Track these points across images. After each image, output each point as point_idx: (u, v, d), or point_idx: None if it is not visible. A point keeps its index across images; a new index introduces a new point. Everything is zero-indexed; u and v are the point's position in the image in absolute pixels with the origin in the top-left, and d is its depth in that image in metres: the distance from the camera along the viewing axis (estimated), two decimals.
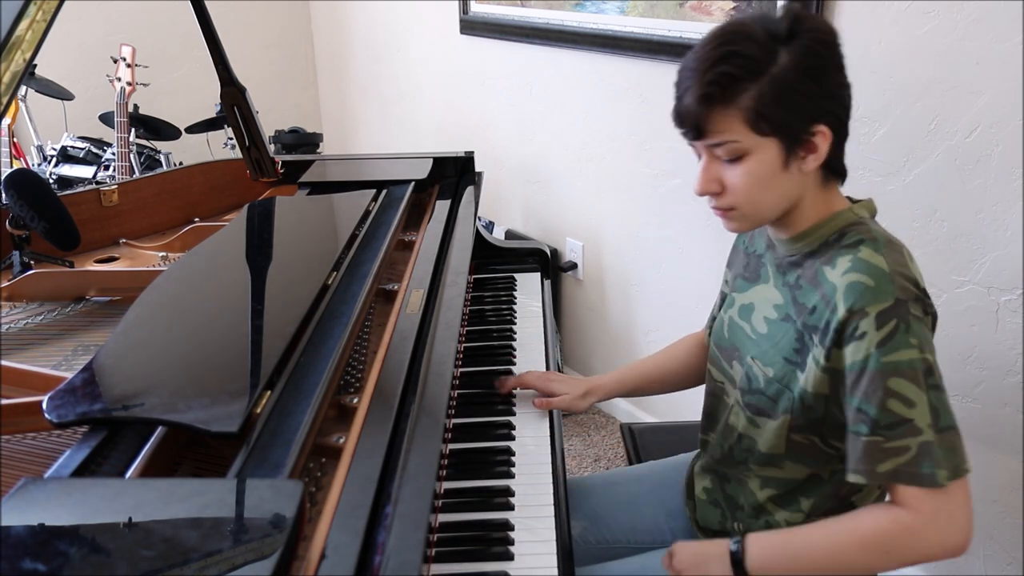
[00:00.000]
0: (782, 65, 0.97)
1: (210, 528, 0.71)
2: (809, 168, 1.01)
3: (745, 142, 0.99)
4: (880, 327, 0.95)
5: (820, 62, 0.98)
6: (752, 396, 1.11)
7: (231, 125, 1.81)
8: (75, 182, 2.96)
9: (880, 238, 1.02)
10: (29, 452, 1.04)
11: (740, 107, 0.98)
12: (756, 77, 0.97)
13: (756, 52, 0.97)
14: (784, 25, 0.98)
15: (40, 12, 1.12)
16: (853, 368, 0.97)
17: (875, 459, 0.96)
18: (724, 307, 1.23)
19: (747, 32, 0.98)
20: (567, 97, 2.56)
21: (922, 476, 0.94)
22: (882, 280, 0.96)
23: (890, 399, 0.95)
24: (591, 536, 1.34)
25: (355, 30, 3.68)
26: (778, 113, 0.97)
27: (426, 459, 0.97)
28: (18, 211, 1.50)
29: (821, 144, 1.00)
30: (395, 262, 1.52)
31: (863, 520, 1.00)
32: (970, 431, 1.67)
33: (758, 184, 1.01)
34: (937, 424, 0.95)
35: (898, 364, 0.94)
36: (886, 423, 0.95)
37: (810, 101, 0.98)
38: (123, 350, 1.04)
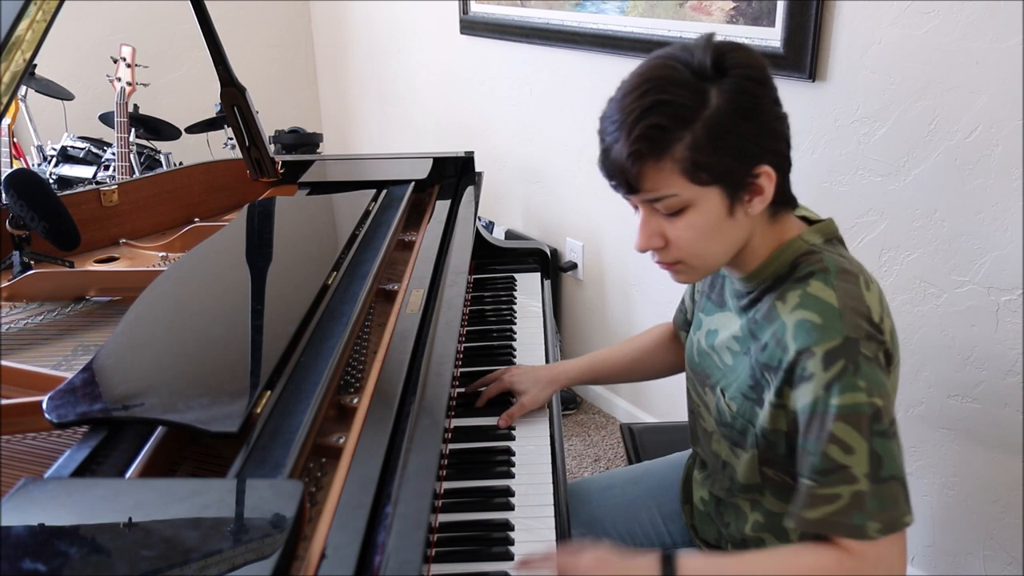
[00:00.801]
0: (714, 107, 0.90)
1: (210, 528, 0.71)
2: (756, 211, 0.96)
3: (684, 195, 0.93)
4: (827, 367, 0.91)
5: (754, 100, 0.91)
6: (724, 428, 1.09)
7: (231, 125, 1.81)
8: (75, 182, 2.96)
9: (832, 268, 0.97)
10: (29, 452, 1.04)
11: (674, 159, 0.91)
12: (688, 125, 0.90)
13: (685, 97, 0.90)
14: (709, 61, 0.91)
15: (40, 12, 1.13)
16: (804, 411, 0.94)
17: (807, 505, 0.93)
18: (693, 328, 1.21)
19: (673, 75, 0.91)
20: (567, 97, 2.56)
21: (851, 527, 0.90)
22: (831, 317, 0.92)
23: (830, 444, 0.91)
24: (589, 539, 1.34)
25: (355, 30, 3.69)
26: (716, 160, 0.91)
27: (426, 459, 0.97)
28: (18, 211, 1.50)
29: (766, 185, 0.94)
30: (395, 262, 1.52)
31: (805, 557, 0.95)
32: (970, 431, 1.68)
33: (703, 236, 0.96)
34: (877, 474, 0.90)
35: (841, 408, 0.90)
36: (822, 468, 0.92)
37: (749, 142, 0.92)
38: (123, 350, 1.04)
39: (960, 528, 1.75)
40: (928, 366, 1.71)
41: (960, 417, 1.69)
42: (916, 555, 1.84)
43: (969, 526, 1.73)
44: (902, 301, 1.72)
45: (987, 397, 1.64)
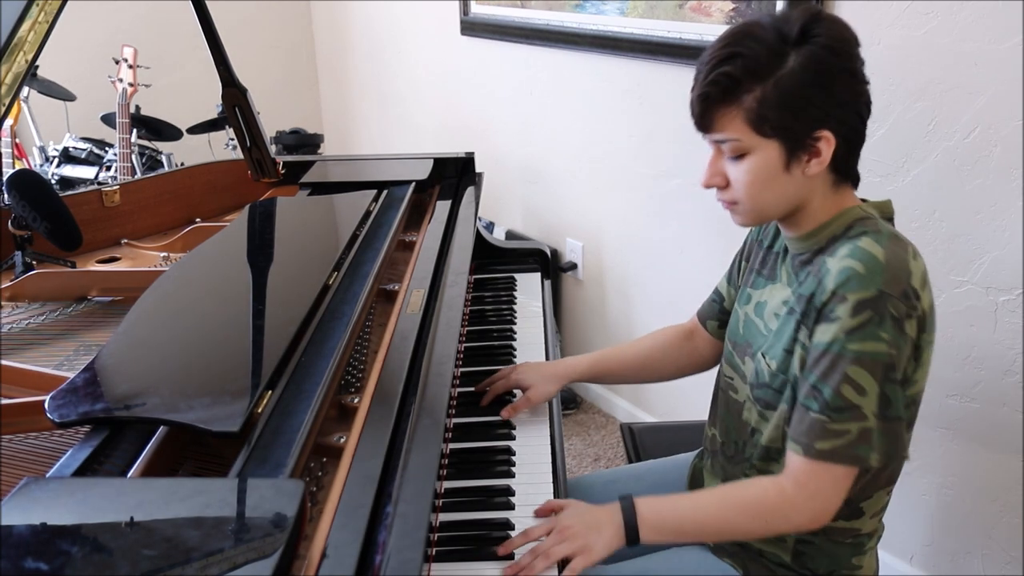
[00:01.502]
0: (788, 69, 0.97)
1: (211, 527, 0.71)
2: (812, 172, 1.02)
3: (746, 141, 1.01)
4: (854, 315, 0.97)
5: (828, 69, 0.98)
6: (760, 390, 1.12)
7: (232, 126, 1.81)
8: (77, 183, 2.96)
9: (885, 231, 1.02)
10: (31, 452, 1.04)
11: (742, 107, 0.99)
12: (759, 79, 0.98)
13: (760, 53, 0.98)
14: (797, 26, 0.98)
15: (42, 13, 1.13)
16: (818, 347, 1.00)
17: (817, 436, 1.00)
18: (740, 303, 1.23)
19: (756, 33, 0.99)
20: (567, 98, 2.56)
21: (855, 457, 0.99)
22: (873, 269, 0.97)
23: (844, 384, 0.98)
24: None
25: (356, 31, 3.69)
26: (780, 116, 0.98)
27: (426, 459, 0.97)
28: (20, 212, 1.50)
29: (824, 149, 1.00)
30: (396, 262, 1.52)
31: (750, 489, 1.07)
32: (969, 431, 1.68)
33: (759, 183, 1.03)
34: (884, 413, 0.98)
35: (861, 354, 0.97)
36: (835, 406, 0.99)
37: (814, 107, 0.99)
38: (125, 350, 1.04)
39: (959, 527, 1.75)
40: None
41: (959, 417, 1.69)
42: (915, 554, 1.84)
43: (968, 525, 1.73)
44: None
45: (986, 397, 1.64)
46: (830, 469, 1.00)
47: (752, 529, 1.07)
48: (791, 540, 1.14)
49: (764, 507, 1.04)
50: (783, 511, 1.04)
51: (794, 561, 1.15)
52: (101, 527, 0.72)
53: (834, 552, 1.14)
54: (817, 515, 1.03)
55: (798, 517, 1.04)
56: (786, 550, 1.15)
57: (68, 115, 3.21)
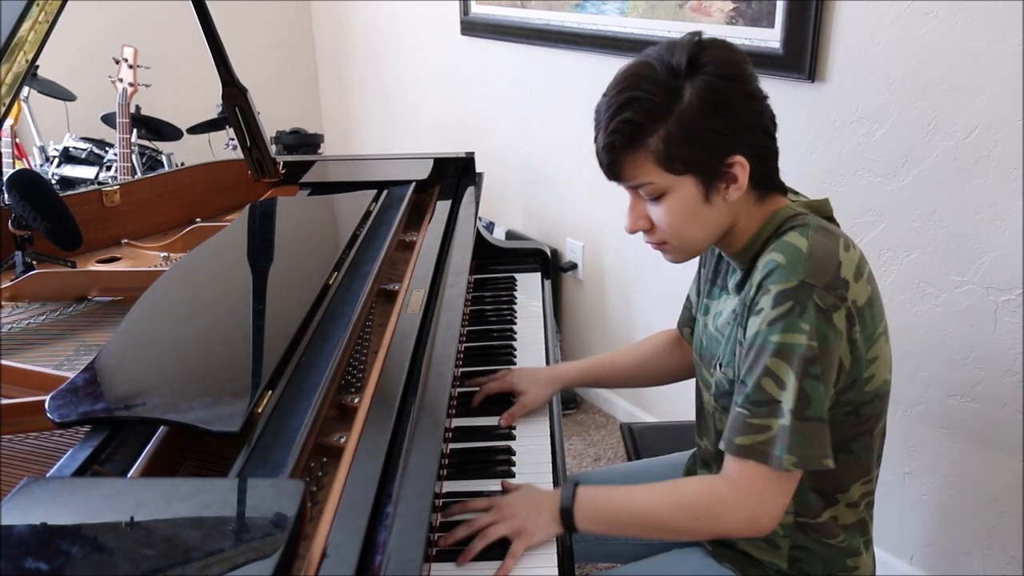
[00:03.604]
0: (686, 103, 0.97)
1: (212, 527, 0.71)
2: (732, 198, 1.02)
3: (661, 182, 1.01)
4: (776, 306, 0.97)
5: (723, 96, 0.97)
6: (724, 399, 1.12)
7: (232, 126, 1.81)
8: (77, 183, 2.96)
9: (813, 224, 1.02)
10: (31, 452, 1.04)
11: (649, 150, 0.99)
12: (660, 119, 0.98)
13: (655, 94, 0.98)
14: (684, 58, 0.98)
15: (42, 13, 1.13)
16: (747, 341, 1.00)
17: (737, 431, 0.99)
18: (700, 314, 1.23)
19: (646, 73, 0.99)
20: (567, 98, 2.56)
21: (770, 456, 0.97)
22: (795, 260, 0.97)
23: (764, 377, 0.97)
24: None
25: (356, 31, 3.69)
26: (688, 153, 0.98)
27: (427, 459, 0.97)
28: (20, 211, 1.50)
29: (740, 174, 1.00)
30: (396, 262, 1.52)
31: (684, 485, 1.06)
32: (969, 431, 1.68)
33: (681, 220, 1.03)
34: (802, 412, 0.96)
35: (781, 345, 0.96)
36: (755, 399, 0.98)
37: (719, 135, 0.98)
38: (125, 350, 1.04)
39: (959, 527, 1.75)
40: (927, 366, 1.72)
41: (959, 417, 1.69)
42: (915, 554, 1.84)
43: (968, 525, 1.73)
44: (901, 301, 1.72)
45: (986, 397, 1.64)
46: (755, 468, 0.98)
47: (684, 526, 1.04)
48: (786, 546, 1.14)
49: (695, 505, 1.03)
50: (714, 511, 1.01)
51: (791, 567, 1.15)
52: (101, 527, 0.72)
53: (828, 555, 1.14)
54: (753, 518, 1.00)
55: (731, 519, 1.01)
56: (781, 557, 1.15)
57: (68, 115, 3.21)
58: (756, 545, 1.16)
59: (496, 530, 1.01)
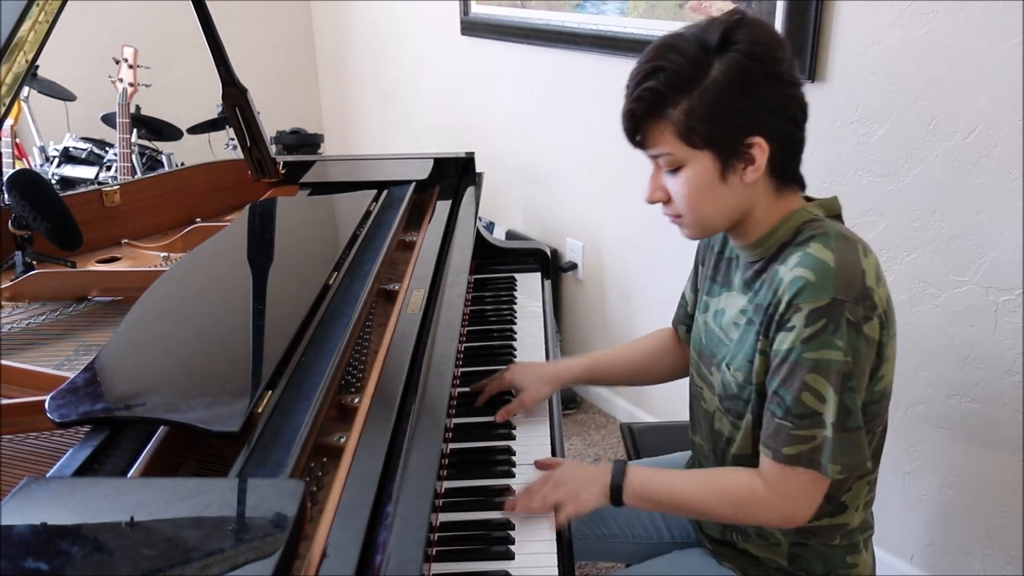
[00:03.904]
0: (712, 79, 0.97)
1: (212, 527, 0.71)
2: (750, 179, 1.02)
3: (679, 154, 1.02)
4: (809, 324, 0.98)
5: (750, 74, 0.97)
6: (729, 401, 1.12)
7: (232, 126, 1.81)
8: (77, 183, 2.96)
9: (832, 233, 1.03)
10: (31, 452, 1.04)
11: (670, 121, 1.00)
12: (684, 92, 0.98)
13: (682, 66, 0.98)
14: (718, 34, 0.98)
15: (42, 13, 1.13)
16: (778, 355, 1.02)
17: (782, 441, 1.02)
18: (699, 311, 1.23)
19: (678, 45, 0.99)
20: (567, 98, 2.56)
21: (819, 464, 1.01)
22: (824, 277, 0.98)
23: (804, 392, 0.99)
24: (589, 530, 1.35)
25: (356, 31, 3.69)
26: (708, 127, 0.99)
27: (427, 458, 0.97)
28: (20, 211, 1.50)
29: (759, 156, 1.00)
30: (396, 262, 1.52)
31: (726, 478, 1.11)
32: (969, 431, 1.68)
33: (697, 194, 1.04)
34: (843, 424, 1.00)
35: (818, 362, 0.98)
36: (797, 412, 1.00)
37: (741, 115, 0.99)
38: (125, 350, 1.04)
39: (959, 527, 1.75)
40: (927, 366, 1.72)
41: (959, 417, 1.69)
42: (915, 554, 1.84)
43: (968, 525, 1.73)
44: (901, 301, 1.72)
45: (986, 397, 1.64)
46: (797, 473, 1.02)
47: (722, 514, 1.11)
48: (785, 544, 1.14)
49: (735, 498, 1.08)
50: (751, 507, 1.07)
51: (791, 564, 1.15)
52: (101, 527, 0.72)
53: (829, 553, 1.14)
54: (788, 516, 1.06)
55: (766, 515, 1.07)
56: (781, 554, 1.15)
57: (68, 115, 3.21)
58: (756, 543, 1.17)
59: (553, 495, 1.09)
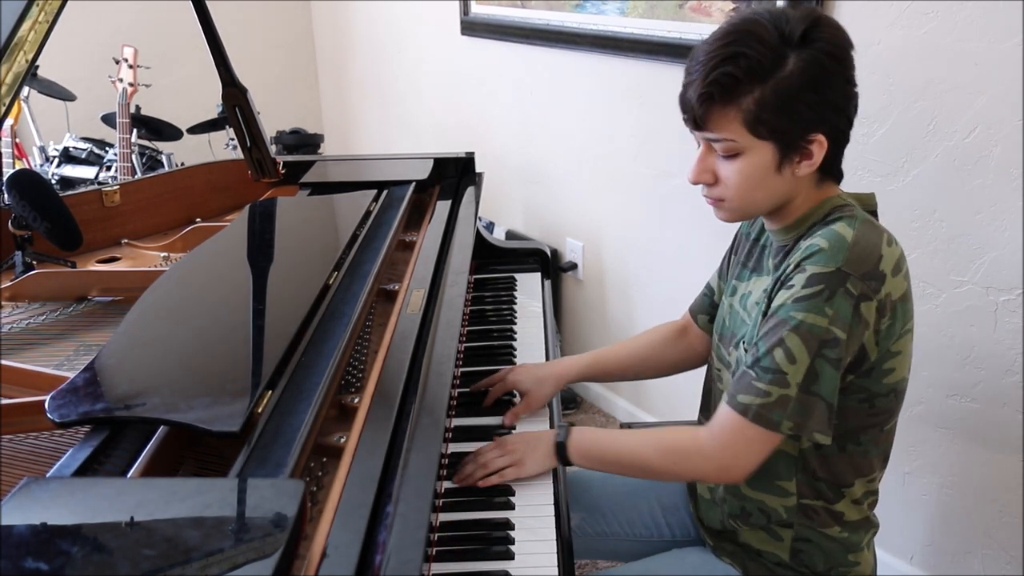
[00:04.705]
0: (788, 72, 0.97)
1: (211, 527, 0.71)
2: (802, 173, 1.03)
3: (741, 142, 1.01)
4: (807, 286, 0.99)
5: (827, 74, 0.98)
6: None
7: (232, 126, 1.81)
8: (77, 183, 2.96)
9: (860, 217, 1.04)
10: (31, 452, 1.04)
11: (740, 108, 0.99)
12: (760, 81, 0.98)
13: (763, 55, 0.97)
14: (799, 28, 0.98)
15: (42, 13, 1.13)
16: (771, 312, 1.03)
17: (740, 388, 1.03)
18: (726, 295, 1.24)
19: (758, 32, 0.98)
20: (567, 98, 2.56)
21: (768, 420, 1.01)
22: (838, 248, 0.99)
23: (778, 348, 1.00)
24: (589, 528, 1.35)
25: (356, 31, 3.69)
26: (777, 119, 0.99)
27: (427, 458, 0.97)
28: (20, 211, 1.50)
29: (817, 152, 1.01)
30: (396, 262, 1.52)
31: (670, 431, 1.14)
32: (969, 431, 1.68)
33: (749, 182, 1.04)
34: (807, 387, 1.00)
35: (801, 323, 0.99)
36: (764, 365, 1.01)
37: (811, 111, 0.99)
38: (125, 350, 1.04)
39: (959, 527, 1.75)
40: (927, 366, 1.72)
41: (959, 417, 1.69)
42: (915, 554, 1.84)
43: (968, 525, 1.73)
44: None
45: (986, 397, 1.64)
46: (745, 425, 1.02)
47: (663, 467, 1.11)
48: (788, 538, 1.14)
49: (676, 448, 1.09)
50: (692, 457, 1.08)
51: (792, 559, 1.15)
52: (101, 527, 0.72)
53: (831, 549, 1.14)
54: (725, 468, 1.06)
55: (705, 464, 1.07)
56: (784, 549, 1.15)
57: (68, 115, 3.21)
58: (758, 537, 1.17)
59: (497, 462, 1.13)
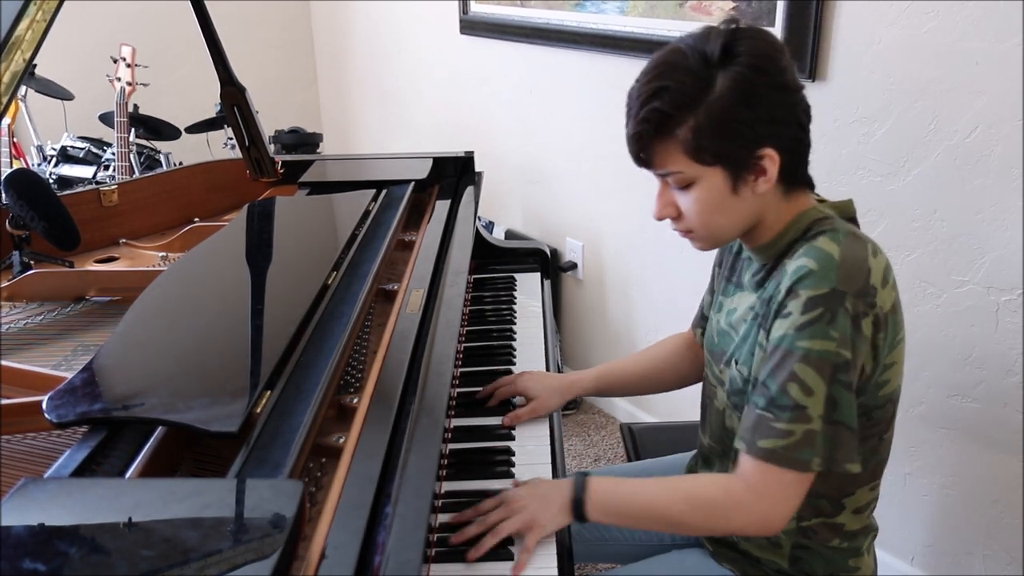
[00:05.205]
0: (717, 94, 0.96)
1: (210, 528, 0.71)
2: (762, 190, 1.01)
3: (689, 172, 1.00)
4: (805, 311, 0.96)
5: (754, 88, 0.96)
6: (736, 397, 1.12)
7: (231, 125, 1.81)
8: (75, 182, 2.96)
9: (842, 230, 1.02)
10: (29, 452, 1.04)
11: (678, 139, 0.98)
12: (690, 109, 0.96)
13: (687, 84, 0.96)
14: (718, 47, 0.97)
15: (40, 12, 1.13)
16: (771, 343, 0.99)
17: (760, 433, 0.99)
18: (713, 312, 1.23)
19: (679, 63, 0.98)
20: (567, 97, 2.56)
21: (796, 460, 0.97)
22: (827, 267, 0.97)
23: (791, 382, 0.96)
24: (588, 533, 1.34)
25: (355, 30, 3.69)
26: (717, 143, 0.97)
27: (426, 459, 0.97)
28: (18, 211, 1.50)
29: (770, 167, 0.99)
30: (395, 262, 1.52)
31: (698, 481, 1.08)
32: (970, 431, 1.67)
33: (709, 210, 1.02)
34: (830, 416, 0.96)
35: (809, 352, 0.96)
36: (780, 404, 0.97)
37: (749, 128, 0.97)
38: (123, 350, 1.04)
39: (960, 528, 1.75)
40: (928, 366, 1.71)
41: (960, 417, 1.69)
42: (916, 555, 1.84)
43: (969, 526, 1.73)
44: (902, 301, 1.72)
45: (987, 397, 1.64)
46: (776, 472, 0.98)
47: (694, 523, 1.05)
48: (787, 545, 1.14)
49: (708, 502, 1.03)
50: (727, 511, 1.02)
51: (792, 566, 1.15)
52: (99, 528, 0.71)
53: (831, 556, 1.14)
54: (765, 519, 1.01)
55: (743, 519, 1.01)
56: (783, 556, 1.15)
57: (66, 114, 3.20)
58: (758, 544, 1.16)
59: (507, 526, 1.01)
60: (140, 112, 3.02)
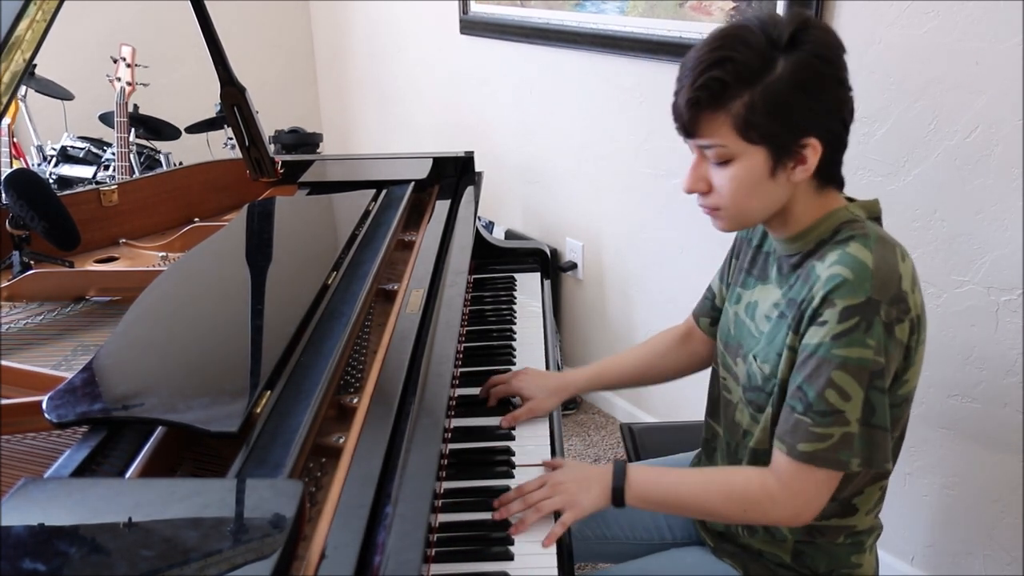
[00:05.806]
0: (777, 76, 0.96)
1: (210, 528, 0.71)
2: (797, 179, 1.02)
3: (732, 147, 1.00)
4: (841, 321, 0.97)
5: (817, 77, 0.97)
6: (752, 393, 1.12)
7: (231, 125, 1.81)
8: (75, 182, 2.95)
9: (872, 235, 1.02)
10: (29, 452, 1.04)
11: (730, 113, 0.98)
12: (749, 85, 0.96)
13: (751, 59, 0.96)
14: (787, 32, 0.97)
15: (40, 12, 1.12)
16: (805, 349, 1.01)
17: (800, 437, 1.01)
18: (730, 302, 1.23)
19: (746, 37, 0.97)
20: (567, 97, 2.56)
21: (836, 461, 1.00)
22: (862, 275, 0.97)
23: (828, 389, 0.98)
24: (589, 532, 1.34)
25: (355, 30, 3.69)
26: (767, 124, 0.97)
27: (426, 459, 0.97)
28: (18, 211, 1.50)
29: (810, 157, 1.00)
30: (395, 262, 1.52)
31: (735, 476, 1.11)
32: (970, 431, 1.67)
33: (743, 189, 1.02)
34: (868, 420, 0.99)
35: (846, 359, 0.97)
36: (819, 409, 0.99)
37: (802, 115, 0.98)
38: (123, 350, 1.04)
39: (960, 528, 1.75)
40: (928, 366, 1.70)
41: (960, 417, 1.69)
42: (916, 555, 1.84)
43: (969, 526, 1.73)
44: None
45: (987, 397, 1.64)
46: (812, 471, 1.01)
47: (730, 514, 1.10)
48: (791, 540, 1.14)
49: (745, 496, 1.07)
50: (762, 505, 1.06)
51: (794, 561, 1.15)
52: (99, 528, 0.71)
53: (834, 551, 1.14)
54: (798, 513, 1.05)
55: (777, 513, 1.06)
56: (786, 550, 1.15)
57: (66, 114, 3.20)
58: (761, 539, 1.16)
59: (549, 504, 1.07)
60: (140, 112, 3.02)
